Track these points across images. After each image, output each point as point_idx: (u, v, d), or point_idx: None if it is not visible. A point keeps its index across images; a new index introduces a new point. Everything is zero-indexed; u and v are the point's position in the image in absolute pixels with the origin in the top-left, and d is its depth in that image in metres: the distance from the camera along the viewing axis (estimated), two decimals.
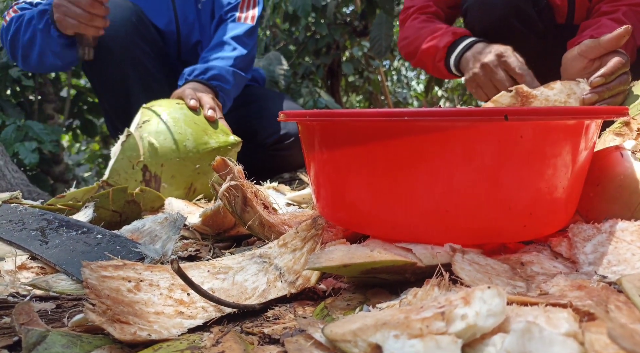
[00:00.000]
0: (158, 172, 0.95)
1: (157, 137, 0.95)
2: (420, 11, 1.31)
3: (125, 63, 1.30)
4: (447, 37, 1.18)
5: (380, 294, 0.48)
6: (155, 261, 0.59)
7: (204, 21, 1.44)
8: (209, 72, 1.24)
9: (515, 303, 0.37)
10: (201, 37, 1.45)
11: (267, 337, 0.40)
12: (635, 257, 0.46)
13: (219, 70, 1.26)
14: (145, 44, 1.34)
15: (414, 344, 0.29)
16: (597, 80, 0.82)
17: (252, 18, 1.42)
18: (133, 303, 0.44)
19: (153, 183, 0.95)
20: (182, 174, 0.97)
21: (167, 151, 0.95)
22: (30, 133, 1.98)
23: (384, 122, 0.48)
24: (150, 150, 0.94)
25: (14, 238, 0.63)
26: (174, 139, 0.95)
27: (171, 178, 0.96)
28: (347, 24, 2.86)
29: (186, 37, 1.44)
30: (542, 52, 1.25)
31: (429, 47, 1.22)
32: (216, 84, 1.25)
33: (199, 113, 1.06)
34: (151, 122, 0.97)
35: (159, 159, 0.94)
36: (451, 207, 0.49)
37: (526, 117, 0.45)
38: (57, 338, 0.37)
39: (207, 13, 1.44)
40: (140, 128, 0.96)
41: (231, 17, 1.40)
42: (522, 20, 1.21)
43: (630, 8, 1.08)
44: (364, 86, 3.61)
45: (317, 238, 0.53)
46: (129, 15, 1.29)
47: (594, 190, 0.58)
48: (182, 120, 0.99)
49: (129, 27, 1.29)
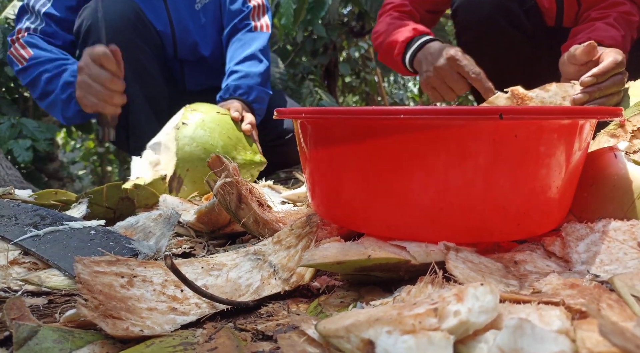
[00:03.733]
0: (182, 175, 0.98)
1: (190, 143, 0.98)
2: (396, 9, 1.33)
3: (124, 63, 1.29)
4: (407, 33, 1.19)
5: (374, 292, 0.48)
6: (149, 257, 0.58)
7: (204, 23, 1.44)
8: (252, 94, 1.30)
9: (508, 301, 0.37)
10: (198, 38, 1.44)
11: (261, 334, 0.40)
12: (627, 256, 0.46)
13: (258, 93, 1.32)
14: (144, 42, 1.33)
15: (407, 340, 0.29)
16: (588, 80, 0.82)
17: (267, 26, 1.45)
18: (126, 299, 0.43)
19: (175, 183, 0.98)
20: (203, 181, 1.00)
21: (195, 158, 0.98)
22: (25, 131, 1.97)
23: (379, 120, 0.48)
24: (181, 153, 0.98)
25: (7, 233, 0.63)
26: (204, 148, 0.99)
27: (193, 183, 0.98)
28: (344, 25, 2.86)
29: (182, 38, 1.44)
30: (532, 53, 1.26)
31: (391, 41, 1.23)
32: (257, 107, 1.31)
33: (237, 127, 1.09)
34: (188, 126, 1.00)
35: (187, 164, 0.98)
36: (445, 205, 0.49)
37: (521, 116, 0.45)
38: (48, 333, 0.37)
39: (208, 15, 1.44)
40: (178, 129, 1.00)
41: (247, 27, 1.42)
42: (509, 20, 1.22)
43: (620, 14, 1.09)
44: (361, 87, 3.61)
45: (311, 235, 0.53)
46: (128, 13, 1.29)
47: (588, 190, 0.58)
48: (217, 131, 1.02)
49: (128, 26, 1.29)
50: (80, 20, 1.29)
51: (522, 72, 1.13)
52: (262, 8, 1.46)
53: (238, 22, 1.43)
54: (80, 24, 1.28)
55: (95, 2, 1.28)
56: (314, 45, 2.77)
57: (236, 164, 0.99)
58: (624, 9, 1.10)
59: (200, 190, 1.01)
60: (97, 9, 1.15)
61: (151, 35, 1.37)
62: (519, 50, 1.25)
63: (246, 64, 1.35)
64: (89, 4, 1.29)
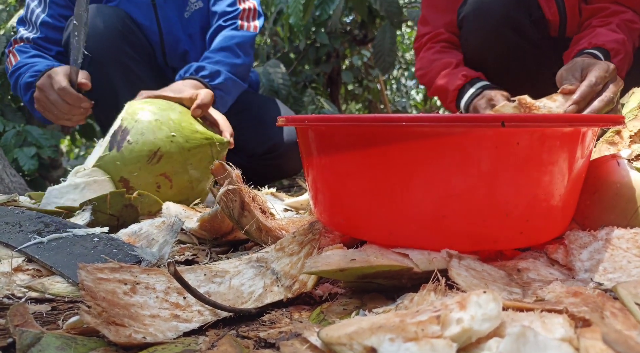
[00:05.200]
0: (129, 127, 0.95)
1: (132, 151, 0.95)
2: (433, 40, 1.32)
3: (113, 70, 1.30)
4: (457, 80, 1.20)
5: (377, 299, 0.48)
6: (152, 264, 0.58)
7: (192, 32, 1.43)
8: (216, 78, 1.23)
9: (511, 309, 0.37)
10: (188, 48, 1.44)
11: (263, 341, 0.40)
12: (631, 264, 0.46)
13: (224, 79, 1.24)
14: (133, 50, 1.33)
15: (409, 347, 0.29)
16: (571, 109, 0.86)
17: (255, 27, 1.41)
18: (129, 305, 0.43)
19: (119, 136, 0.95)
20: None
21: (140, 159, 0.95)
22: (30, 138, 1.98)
23: (382, 128, 0.48)
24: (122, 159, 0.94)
25: (11, 240, 0.63)
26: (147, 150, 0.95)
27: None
28: (347, 33, 2.88)
29: (171, 47, 1.43)
30: (537, 62, 1.27)
31: (440, 86, 1.24)
32: (220, 94, 1.23)
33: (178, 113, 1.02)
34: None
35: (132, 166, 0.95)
36: (448, 212, 0.49)
37: (523, 124, 0.45)
38: (51, 340, 0.37)
39: (195, 24, 1.42)
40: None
41: (232, 25, 1.39)
42: (516, 30, 1.22)
43: (622, 21, 1.09)
44: (364, 95, 3.62)
45: (314, 243, 0.53)
46: (115, 22, 1.29)
47: (591, 198, 0.58)
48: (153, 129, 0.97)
49: (116, 35, 1.29)
50: (67, 33, 1.29)
51: (527, 82, 1.13)
52: (253, 12, 1.43)
53: (223, 21, 1.40)
54: (68, 36, 1.28)
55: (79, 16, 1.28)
56: (317, 53, 2.79)
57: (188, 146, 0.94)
58: (626, 16, 1.11)
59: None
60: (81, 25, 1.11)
61: (140, 42, 1.36)
62: (524, 60, 1.25)
63: (221, 54, 1.30)
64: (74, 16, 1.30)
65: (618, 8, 1.12)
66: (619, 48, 1.03)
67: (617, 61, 1.03)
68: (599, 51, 1.02)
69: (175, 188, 0.97)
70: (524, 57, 1.25)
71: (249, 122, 1.49)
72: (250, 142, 1.47)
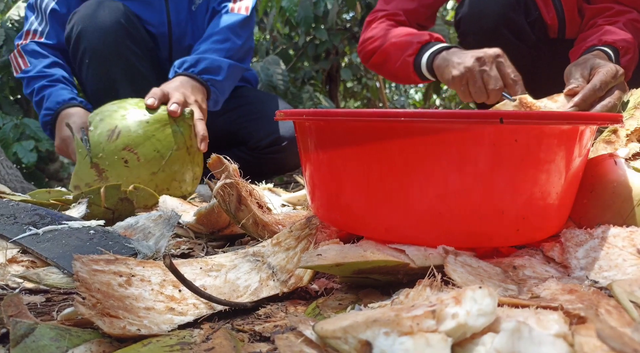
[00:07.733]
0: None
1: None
2: (390, 18, 1.30)
3: (115, 65, 1.29)
4: (424, 36, 1.17)
5: (373, 295, 0.48)
6: (148, 257, 0.58)
7: (199, 24, 1.43)
8: (199, 64, 1.21)
9: (506, 305, 0.37)
10: (193, 41, 1.43)
11: (258, 335, 0.40)
12: (626, 262, 0.46)
13: (210, 62, 1.23)
14: (136, 45, 1.33)
15: (404, 341, 0.29)
16: (572, 110, 0.85)
17: (246, 9, 1.39)
18: (123, 297, 0.43)
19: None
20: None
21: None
22: (27, 131, 1.98)
23: (380, 123, 0.48)
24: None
25: (5, 231, 0.63)
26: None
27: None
28: (347, 30, 2.87)
29: (178, 40, 1.43)
30: (535, 64, 1.26)
31: (400, 41, 1.19)
32: (207, 77, 1.21)
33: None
34: None
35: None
36: (445, 209, 0.49)
37: (521, 121, 0.45)
38: (45, 331, 0.37)
39: (202, 14, 1.42)
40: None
41: (224, 9, 1.38)
42: (514, 31, 1.22)
43: (628, 21, 1.09)
44: (362, 92, 3.62)
45: (310, 237, 0.53)
46: (118, 17, 1.28)
47: (587, 196, 0.58)
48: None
49: (118, 30, 1.28)
50: (70, 26, 1.28)
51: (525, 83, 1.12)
52: None
53: (217, 5, 1.40)
54: (70, 30, 1.28)
55: (85, 7, 1.27)
56: (316, 50, 2.78)
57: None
58: (631, 16, 1.10)
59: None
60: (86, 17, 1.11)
61: (143, 38, 1.36)
62: (522, 61, 1.24)
63: (207, 42, 1.30)
64: (78, 9, 1.29)
65: (622, 8, 1.12)
66: (629, 47, 1.02)
67: (626, 60, 1.02)
68: (610, 49, 1.01)
69: (144, 160, 0.99)
70: (521, 58, 1.25)
71: (252, 115, 1.48)
72: (254, 135, 1.46)
